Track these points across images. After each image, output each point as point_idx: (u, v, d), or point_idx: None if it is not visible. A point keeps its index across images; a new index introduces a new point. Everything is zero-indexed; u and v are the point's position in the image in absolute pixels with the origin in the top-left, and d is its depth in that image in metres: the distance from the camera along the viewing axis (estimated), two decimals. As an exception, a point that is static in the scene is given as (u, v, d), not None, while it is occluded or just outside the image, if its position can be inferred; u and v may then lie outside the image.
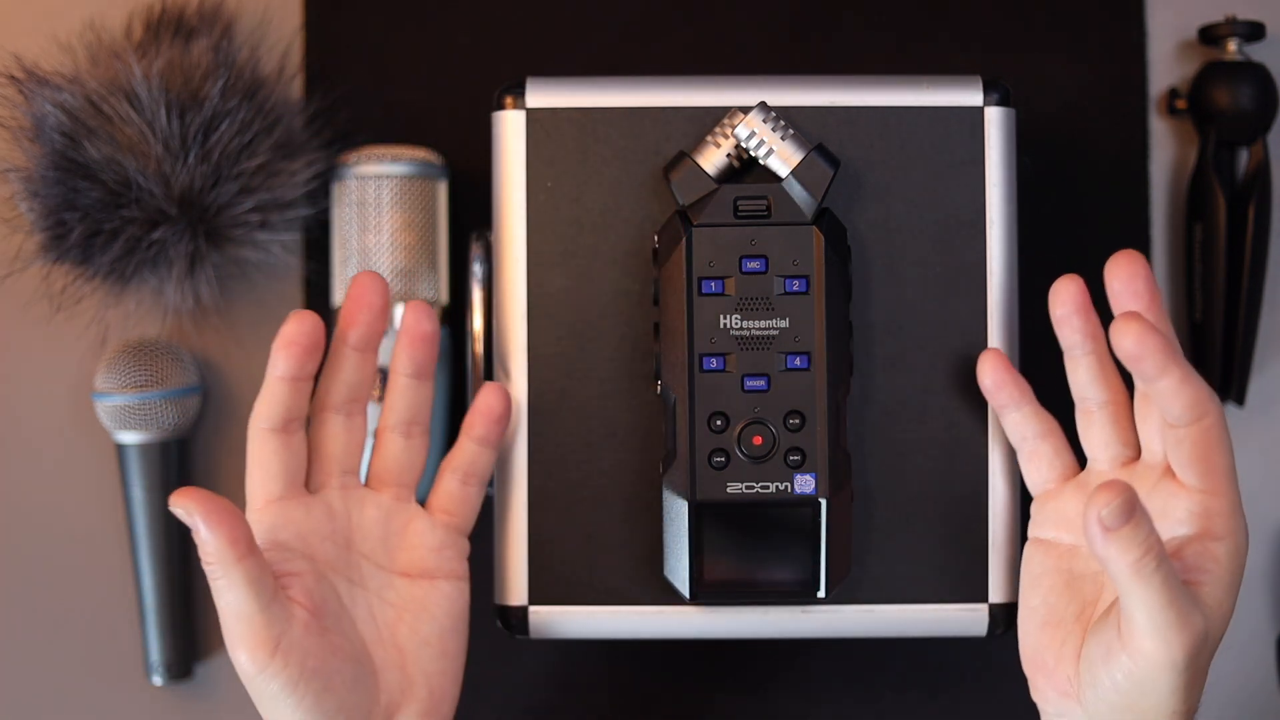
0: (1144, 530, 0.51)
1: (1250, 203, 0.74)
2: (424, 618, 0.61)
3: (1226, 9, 0.76)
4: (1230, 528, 0.56)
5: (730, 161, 0.63)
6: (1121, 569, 0.51)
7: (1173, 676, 0.53)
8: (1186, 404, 0.55)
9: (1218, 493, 0.56)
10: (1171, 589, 0.52)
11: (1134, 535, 0.51)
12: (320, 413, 0.62)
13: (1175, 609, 0.52)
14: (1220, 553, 0.56)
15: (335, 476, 0.61)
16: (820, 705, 0.76)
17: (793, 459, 0.61)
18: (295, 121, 0.73)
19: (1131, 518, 0.51)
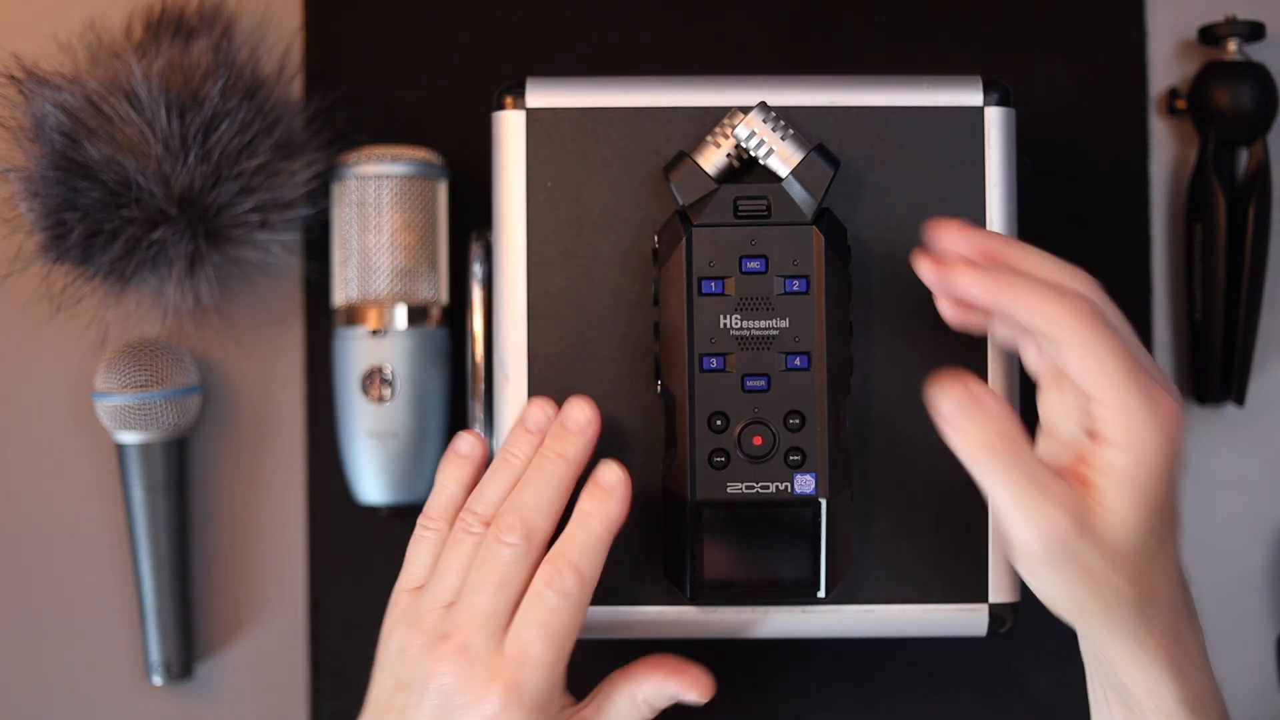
0: (986, 423, 0.53)
1: (1250, 203, 0.74)
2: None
3: (1226, 9, 0.76)
4: (1128, 437, 0.52)
5: (730, 161, 0.63)
6: (967, 460, 0.53)
7: (1032, 565, 0.54)
8: (1041, 325, 0.54)
9: (1106, 402, 0.53)
10: (1019, 482, 0.53)
11: (974, 428, 0.53)
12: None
13: (1022, 503, 0.52)
14: (1117, 460, 0.53)
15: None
16: (820, 705, 0.76)
17: (793, 459, 0.61)
18: (295, 121, 0.73)
19: (972, 411, 0.53)
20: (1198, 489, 0.77)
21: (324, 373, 0.76)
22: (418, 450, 0.73)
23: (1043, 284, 0.54)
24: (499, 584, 0.59)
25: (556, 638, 0.58)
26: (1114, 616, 0.55)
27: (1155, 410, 0.52)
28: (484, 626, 0.58)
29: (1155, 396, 0.53)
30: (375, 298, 0.72)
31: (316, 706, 0.76)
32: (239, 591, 0.77)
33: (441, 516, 0.62)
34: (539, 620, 0.58)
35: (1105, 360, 0.53)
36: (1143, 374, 0.53)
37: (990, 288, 0.55)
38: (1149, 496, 0.53)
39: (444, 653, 0.58)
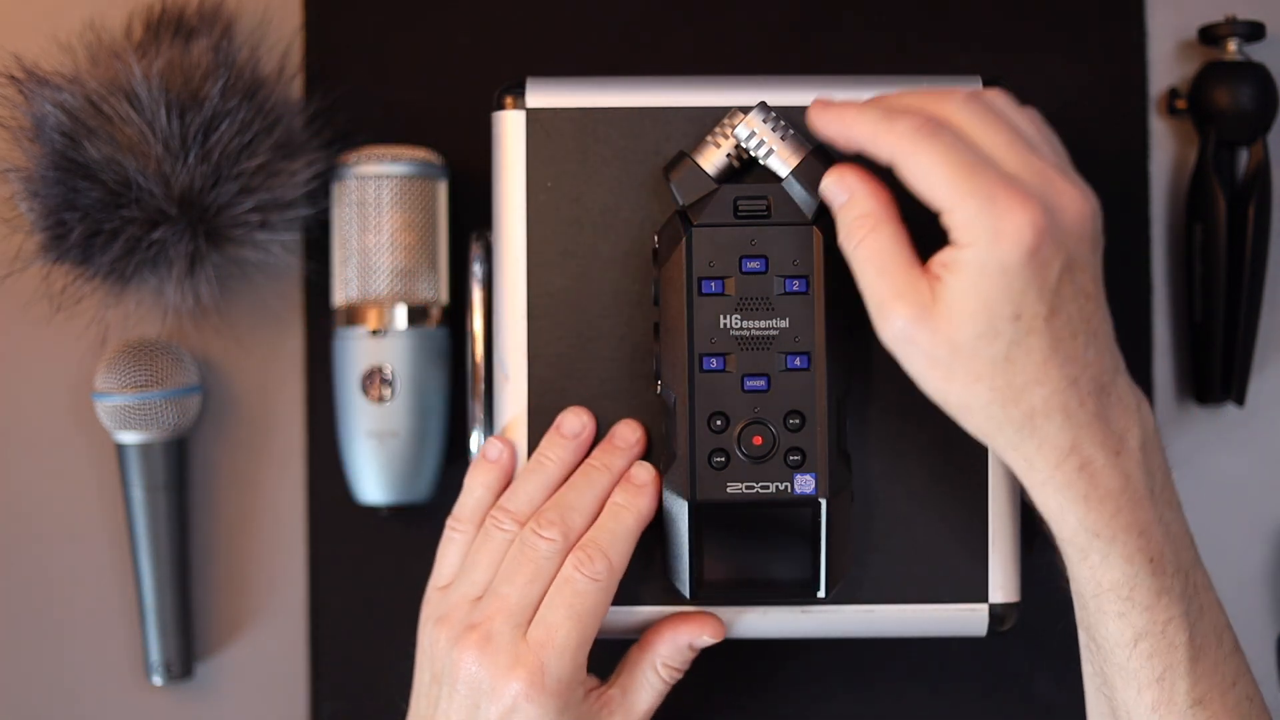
0: (854, 208, 0.57)
1: (1250, 203, 0.74)
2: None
3: (1226, 9, 0.76)
4: (970, 235, 0.53)
5: (730, 161, 0.63)
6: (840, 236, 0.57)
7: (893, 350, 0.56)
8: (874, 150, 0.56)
9: (943, 209, 0.54)
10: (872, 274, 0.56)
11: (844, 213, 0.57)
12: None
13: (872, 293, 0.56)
14: (961, 261, 0.53)
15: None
16: (820, 705, 0.76)
17: (793, 459, 0.61)
18: (295, 121, 0.73)
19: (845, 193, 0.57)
20: (1198, 489, 0.77)
21: (324, 373, 0.76)
22: (418, 450, 0.73)
23: (878, 111, 0.56)
24: (531, 577, 0.60)
25: (582, 621, 0.60)
26: (991, 422, 0.55)
27: (991, 210, 0.52)
28: (511, 617, 0.60)
29: (994, 198, 0.53)
30: (375, 298, 0.72)
31: (316, 706, 0.76)
32: (239, 591, 0.77)
33: (470, 519, 0.64)
34: (565, 603, 0.60)
35: (935, 171, 0.54)
36: (979, 175, 0.53)
37: (831, 122, 0.57)
38: (986, 292, 0.53)
39: (469, 643, 0.60)
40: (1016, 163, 0.54)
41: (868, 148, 0.56)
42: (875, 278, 0.56)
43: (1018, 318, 0.53)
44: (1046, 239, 0.53)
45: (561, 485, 0.63)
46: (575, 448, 0.63)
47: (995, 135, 0.55)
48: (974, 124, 0.55)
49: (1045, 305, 0.53)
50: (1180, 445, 0.77)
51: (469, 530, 0.64)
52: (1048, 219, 0.53)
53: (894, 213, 0.57)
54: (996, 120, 0.56)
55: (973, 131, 0.55)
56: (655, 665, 0.63)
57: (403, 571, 0.75)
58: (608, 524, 0.62)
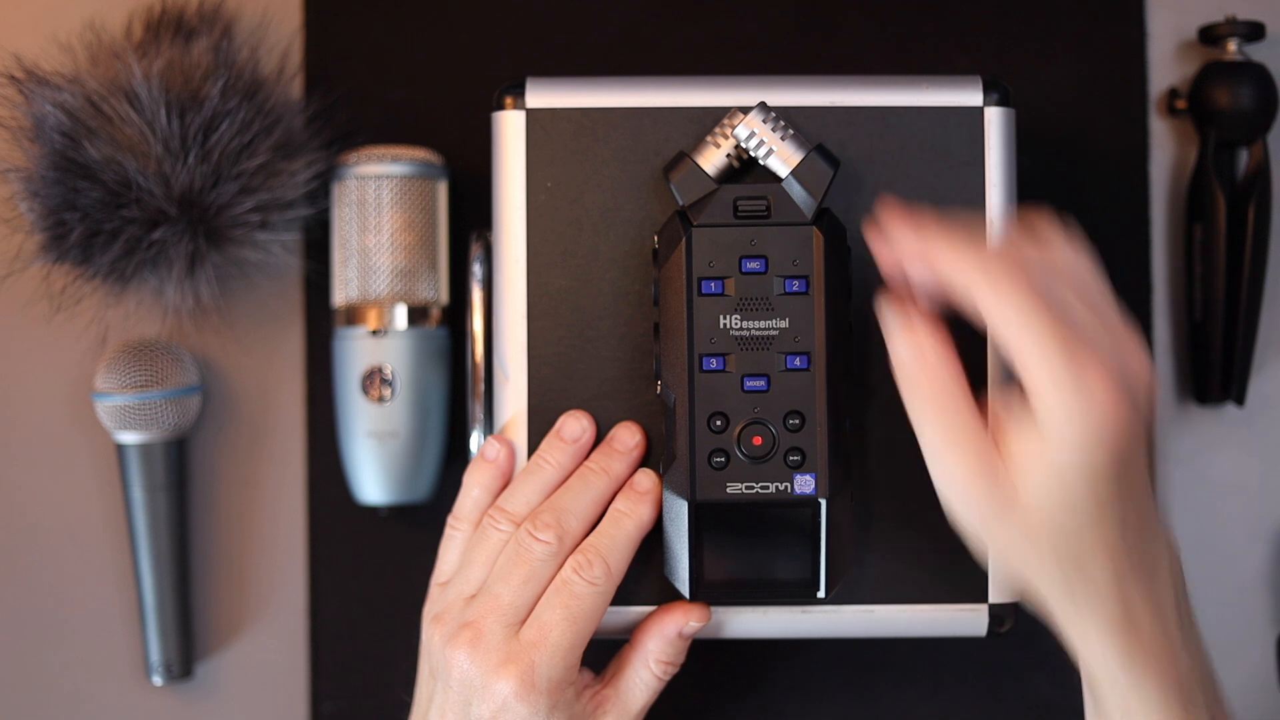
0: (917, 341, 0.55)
1: (1250, 203, 0.74)
2: None
3: (1226, 9, 0.76)
4: (1052, 421, 0.51)
5: (730, 161, 0.63)
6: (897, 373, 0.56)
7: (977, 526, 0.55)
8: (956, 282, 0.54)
9: (1032, 378, 0.51)
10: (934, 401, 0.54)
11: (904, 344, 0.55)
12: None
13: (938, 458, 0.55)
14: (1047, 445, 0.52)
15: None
16: (820, 705, 0.76)
17: (793, 459, 0.61)
18: (295, 121, 0.73)
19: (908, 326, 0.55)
20: (1198, 489, 0.77)
21: (324, 373, 0.76)
22: (418, 450, 0.73)
23: (968, 251, 0.54)
24: (525, 578, 0.60)
25: (577, 624, 0.60)
26: (1042, 575, 0.55)
27: (1081, 383, 0.50)
28: (503, 616, 0.60)
29: (1085, 369, 0.51)
30: (375, 298, 0.72)
31: (316, 706, 0.76)
32: (239, 591, 0.77)
33: (468, 517, 0.64)
34: (562, 604, 0.60)
35: (1025, 327, 0.51)
36: (1073, 341, 0.51)
37: (918, 243, 0.55)
38: (1069, 491, 0.52)
39: (461, 641, 0.60)
40: (1096, 325, 0.53)
41: (948, 275, 0.54)
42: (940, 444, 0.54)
43: (1100, 507, 0.53)
44: (1126, 423, 0.51)
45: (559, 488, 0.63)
46: (574, 452, 0.63)
47: (1074, 290, 0.54)
48: (1057, 274, 0.54)
49: (1119, 485, 0.53)
50: (1180, 445, 0.77)
51: (467, 529, 0.64)
52: (1130, 401, 0.51)
53: (954, 353, 0.55)
54: (1076, 274, 0.55)
55: (1055, 290, 0.53)
56: (648, 662, 0.63)
57: (403, 571, 0.75)
58: (608, 529, 0.62)
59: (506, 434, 0.65)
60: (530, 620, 0.60)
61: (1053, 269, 0.54)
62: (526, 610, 0.60)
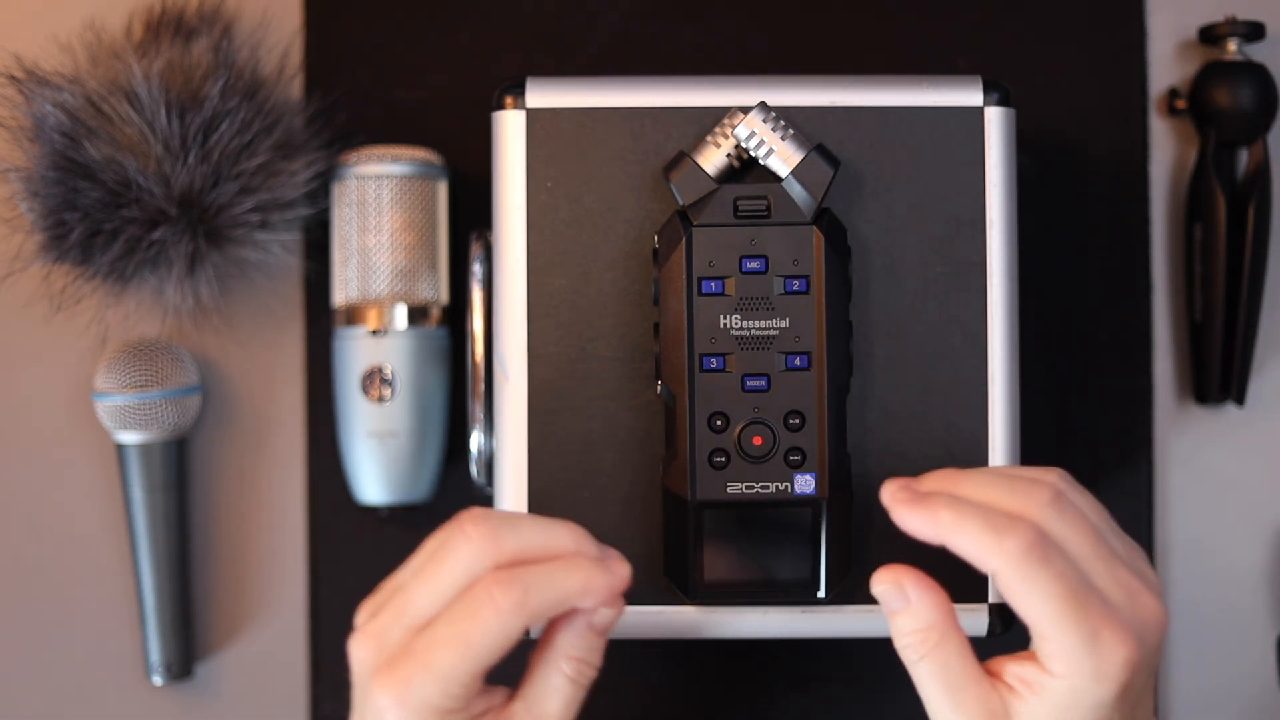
0: (914, 620, 0.55)
1: (1250, 203, 0.74)
2: None
3: (1226, 9, 0.76)
4: (1069, 669, 0.52)
5: (730, 161, 0.63)
6: (898, 644, 0.56)
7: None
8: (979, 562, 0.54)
9: (1044, 636, 0.53)
10: (939, 678, 0.54)
11: (905, 621, 0.55)
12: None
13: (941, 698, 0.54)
14: (1051, 687, 0.53)
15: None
16: (820, 705, 0.76)
17: (793, 459, 0.61)
18: (295, 121, 0.73)
19: (903, 603, 0.55)
20: (1198, 489, 0.77)
21: (324, 373, 0.76)
22: (418, 450, 0.73)
23: (976, 518, 0.53)
24: (435, 576, 0.53)
25: (468, 651, 0.52)
26: None
27: (1095, 651, 0.52)
28: (402, 615, 0.53)
29: (1098, 633, 0.52)
30: (375, 298, 0.72)
31: (316, 706, 0.76)
32: (239, 591, 0.77)
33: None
34: (460, 621, 0.52)
35: (1046, 601, 0.52)
36: (1086, 607, 0.52)
37: (927, 524, 0.55)
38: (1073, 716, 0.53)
39: (364, 634, 0.54)
40: (1107, 576, 0.53)
41: (969, 558, 0.54)
42: (942, 695, 0.54)
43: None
44: (1138, 670, 0.52)
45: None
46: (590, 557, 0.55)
47: (1084, 544, 0.54)
48: (1066, 531, 0.54)
49: (1122, 708, 0.53)
50: (1180, 445, 0.77)
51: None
52: (1141, 649, 0.52)
53: (954, 620, 0.55)
54: (1083, 525, 0.54)
55: (1066, 541, 0.53)
56: (559, 663, 0.55)
57: (403, 571, 0.75)
58: (553, 570, 0.53)
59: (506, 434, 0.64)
60: (427, 631, 0.53)
61: (1067, 524, 0.54)
62: (430, 613, 0.53)
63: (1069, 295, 0.76)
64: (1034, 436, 0.67)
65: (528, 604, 0.52)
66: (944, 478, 0.57)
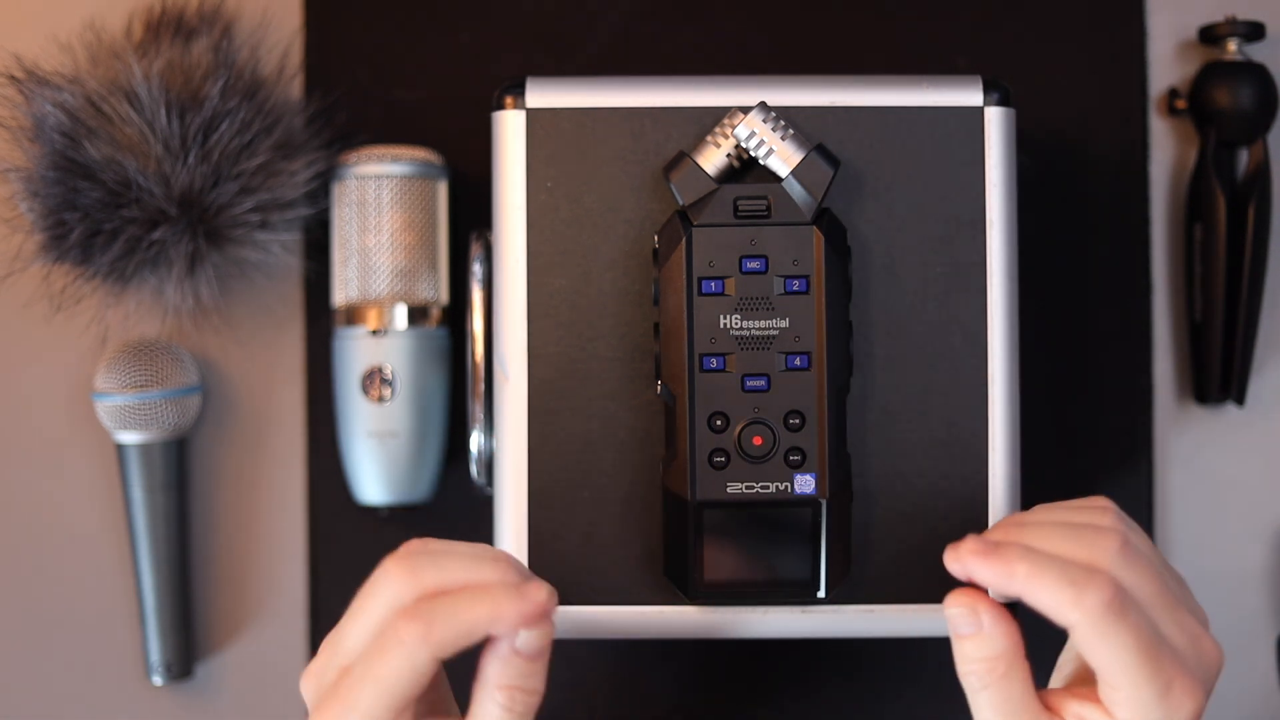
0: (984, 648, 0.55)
1: (1250, 203, 0.74)
2: None
3: (1226, 9, 0.76)
4: (1137, 718, 0.53)
5: (730, 161, 0.63)
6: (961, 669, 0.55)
7: None
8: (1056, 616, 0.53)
9: (1118, 688, 0.53)
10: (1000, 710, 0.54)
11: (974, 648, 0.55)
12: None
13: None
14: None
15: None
16: (820, 705, 0.76)
17: (793, 459, 0.61)
18: (295, 121, 0.73)
19: (975, 629, 0.55)
20: (1198, 489, 0.77)
21: (324, 373, 0.76)
22: (418, 450, 0.73)
23: (1053, 571, 0.53)
24: (359, 614, 0.54)
25: (380, 687, 0.52)
26: None
27: (1166, 703, 0.52)
28: (336, 654, 0.54)
29: (1170, 686, 0.52)
30: (375, 298, 0.72)
31: (316, 706, 0.76)
32: (239, 591, 0.77)
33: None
34: (370, 661, 0.52)
35: (1124, 656, 0.52)
36: (1161, 660, 0.52)
37: (1003, 578, 0.54)
38: None
39: (307, 673, 0.55)
40: (1173, 624, 0.54)
41: (1046, 611, 0.54)
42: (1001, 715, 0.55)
43: None
44: (1201, 715, 0.53)
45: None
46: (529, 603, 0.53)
47: (1152, 592, 0.54)
48: (1136, 580, 0.54)
49: None
50: (1180, 445, 0.77)
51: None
52: (1206, 696, 0.53)
53: (1022, 651, 0.55)
54: (1150, 573, 0.54)
55: (1137, 592, 0.54)
56: (491, 693, 0.53)
57: (403, 571, 0.75)
58: (456, 599, 0.52)
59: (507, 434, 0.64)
60: (349, 670, 0.53)
61: (1136, 573, 0.54)
62: (357, 651, 0.53)
63: (1069, 295, 0.76)
64: (1034, 436, 0.67)
65: (432, 636, 0.51)
66: (1010, 528, 0.56)
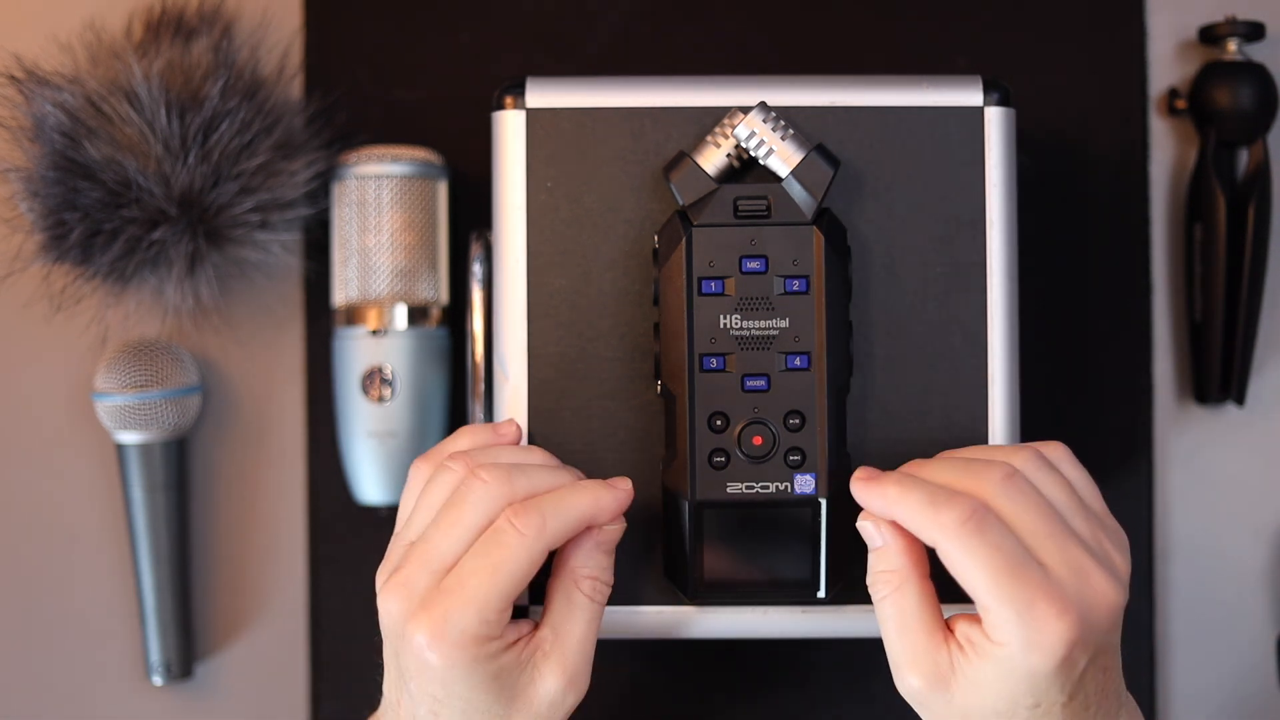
0: (883, 560, 0.57)
1: (1250, 203, 0.74)
2: None
3: (1226, 9, 0.76)
4: (1005, 637, 0.53)
5: (730, 161, 0.63)
6: (869, 581, 0.58)
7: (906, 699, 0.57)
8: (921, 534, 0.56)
9: (983, 605, 0.54)
10: (894, 620, 0.57)
11: (877, 559, 0.58)
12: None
13: (893, 646, 0.57)
14: (990, 653, 0.54)
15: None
16: (820, 705, 0.76)
17: (793, 459, 0.61)
18: (295, 121, 0.74)
19: (879, 540, 0.58)
20: (1198, 489, 0.77)
21: (324, 373, 0.76)
22: (418, 450, 0.73)
23: (917, 492, 0.56)
24: (456, 521, 0.57)
25: (497, 574, 0.55)
26: None
27: (1029, 622, 0.53)
28: (428, 563, 0.56)
29: (1033, 604, 0.53)
30: (375, 298, 0.72)
31: (316, 706, 0.76)
32: (239, 591, 0.77)
33: (435, 461, 0.61)
34: (485, 552, 0.56)
35: (977, 570, 0.54)
36: (1022, 579, 0.53)
37: (873, 498, 0.58)
38: (1009, 685, 0.54)
39: (390, 588, 0.56)
40: (1055, 553, 0.54)
41: (913, 531, 0.56)
42: (895, 637, 0.57)
43: (1036, 705, 0.54)
44: (1078, 646, 0.53)
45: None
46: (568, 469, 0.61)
47: (1033, 520, 0.55)
48: (1014, 508, 0.55)
49: (1065, 694, 0.54)
50: (1180, 445, 0.77)
51: (429, 471, 0.60)
52: (1081, 626, 0.53)
53: (923, 569, 0.57)
54: (1034, 503, 0.55)
55: (1013, 517, 0.55)
56: (578, 583, 0.59)
57: (403, 571, 0.75)
58: (562, 494, 0.58)
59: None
60: (454, 569, 0.56)
61: (1016, 501, 0.55)
62: (455, 557, 0.56)
63: (1069, 295, 0.76)
64: (1034, 436, 0.67)
65: (547, 526, 0.56)
66: (912, 462, 0.59)
